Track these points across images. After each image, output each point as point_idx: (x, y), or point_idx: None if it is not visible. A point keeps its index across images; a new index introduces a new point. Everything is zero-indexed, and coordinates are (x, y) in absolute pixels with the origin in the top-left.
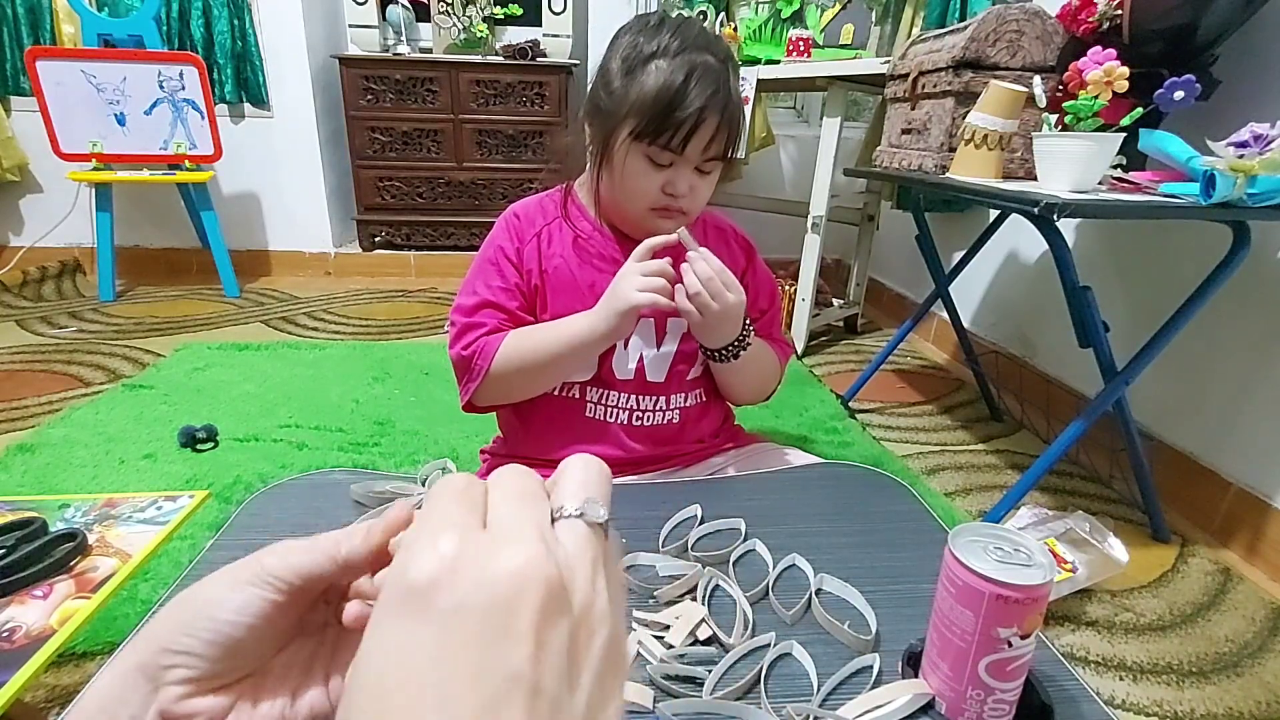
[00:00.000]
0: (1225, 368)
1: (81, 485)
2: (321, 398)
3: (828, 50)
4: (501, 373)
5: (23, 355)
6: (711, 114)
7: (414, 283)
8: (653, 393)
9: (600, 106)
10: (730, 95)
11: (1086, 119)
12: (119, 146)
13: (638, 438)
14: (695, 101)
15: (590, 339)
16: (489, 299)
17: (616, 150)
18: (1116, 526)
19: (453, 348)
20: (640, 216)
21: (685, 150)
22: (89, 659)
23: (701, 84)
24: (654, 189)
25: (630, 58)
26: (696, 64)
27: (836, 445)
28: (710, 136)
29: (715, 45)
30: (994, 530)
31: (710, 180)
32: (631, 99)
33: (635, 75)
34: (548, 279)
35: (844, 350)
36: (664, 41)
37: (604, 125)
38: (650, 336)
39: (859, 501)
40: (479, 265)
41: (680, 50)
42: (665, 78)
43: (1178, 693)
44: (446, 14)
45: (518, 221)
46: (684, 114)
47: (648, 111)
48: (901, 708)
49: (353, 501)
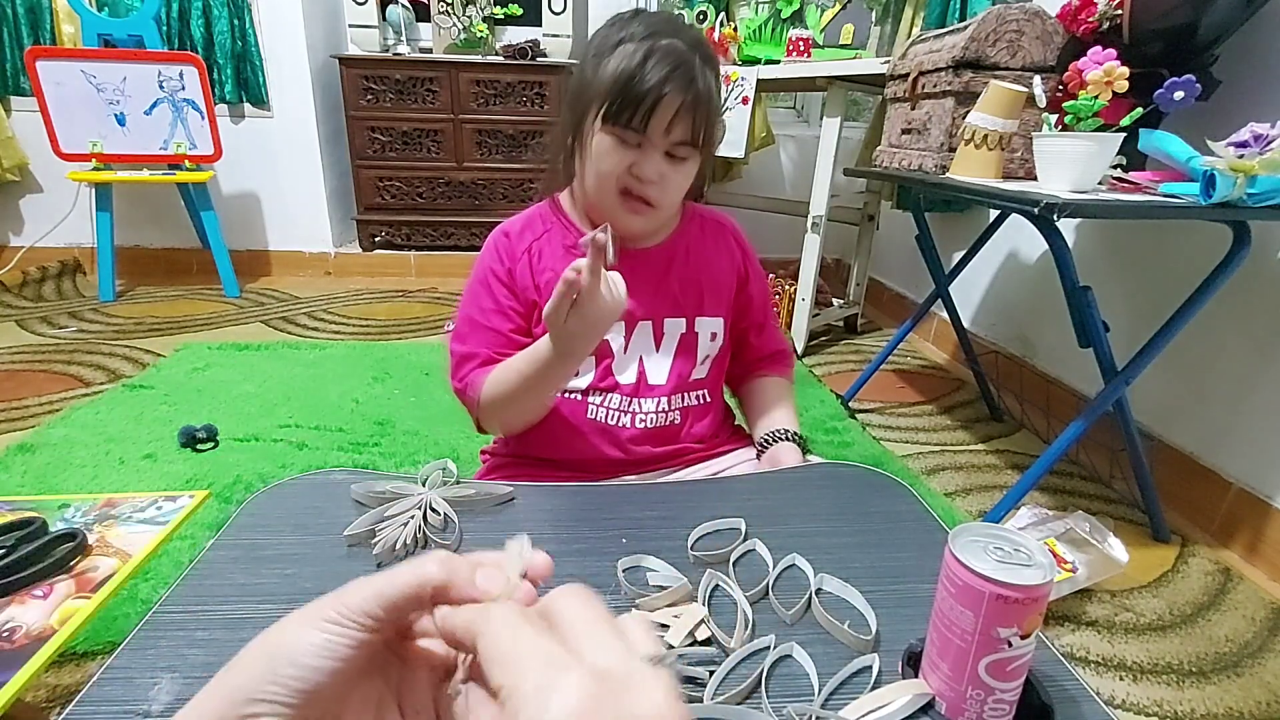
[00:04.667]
0: (1225, 368)
1: (81, 485)
2: (321, 398)
3: (828, 50)
4: (490, 406)
5: (23, 355)
6: (673, 92)
7: (414, 283)
8: (655, 394)
9: (574, 96)
10: (694, 77)
11: (1086, 119)
12: (119, 146)
13: (639, 438)
14: (654, 77)
15: (546, 358)
16: (481, 323)
17: (587, 134)
18: (1116, 526)
19: (452, 379)
20: (611, 208)
21: (648, 129)
22: (89, 659)
23: (661, 63)
24: (620, 169)
25: (600, 47)
26: (659, 46)
27: (836, 445)
28: (672, 116)
29: (685, 32)
30: (994, 530)
31: (684, 172)
32: (598, 83)
33: (602, 60)
34: (543, 294)
35: (844, 350)
36: (632, 28)
37: (575, 111)
38: (649, 340)
39: (859, 501)
40: (470, 289)
41: (646, 35)
42: (627, 59)
43: (1178, 693)
44: (446, 14)
45: (507, 241)
46: (643, 90)
47: (610, 91)
48: (902, 708)
49: (353, 501)
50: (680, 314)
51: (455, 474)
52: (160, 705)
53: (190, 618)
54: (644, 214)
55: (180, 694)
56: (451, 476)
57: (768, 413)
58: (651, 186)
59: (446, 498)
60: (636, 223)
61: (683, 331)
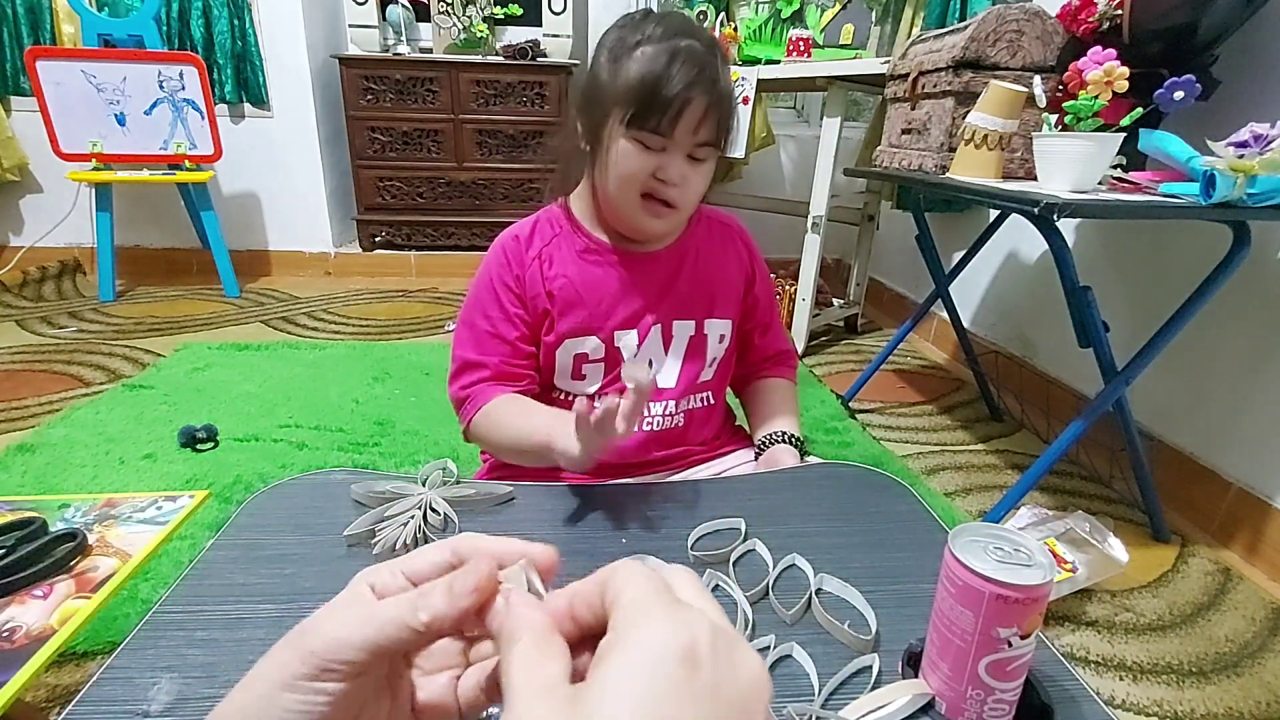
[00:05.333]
0: (1225, 368)
1: (81, 485)
2: (321, 398)
3: (828, 50)
4: (478, 436)
5: (23, 355)
6: (699, 95)
7: (414, 283)
8: (663, 398)
9: (590, 99)
10: (717, 78)
11: (1086, 119)
12: (119, 146)
13: (643, 442)
14: (680, 81)
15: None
16: (488, 331)
17: (608, 139)
18: (1116, 526)
19: (451, 385)
20: (632, 211)
21: (675, 133)
22: (89, 659)
23: (686, 65)
24: (644, 173)
25: (616, 49)
26: (680, 47)
27: (836, 445)
28: (699, 118)
29: (700, 33)
30: (994, 530)
31: (703, 172)
32: (619, 86)
33: (621, 63)
34: (554, 301)
35: (844, 350)
36: (648, 30)
37: (594, 117)
38: (659, 343)
39: (859, 501)
40: (476, 294)
41: (664, 37)
42: (650, 62)
43: (1178, 693)
44: (446, 14)
45: (516, 245)
46: (670, 94)
47: (635, 95)
48: (902, 708)
49: (353, 501)
50: (690, 316)
51: (455, 474)
52: (160, 705)
53: (190, 618)
54: (665, 216)
55: (180, 694)
56: (451, 476)
57: (769, 415)
58: (674, 189)
59: (446, 497)
60: (658, 225)
61: (691, 334)
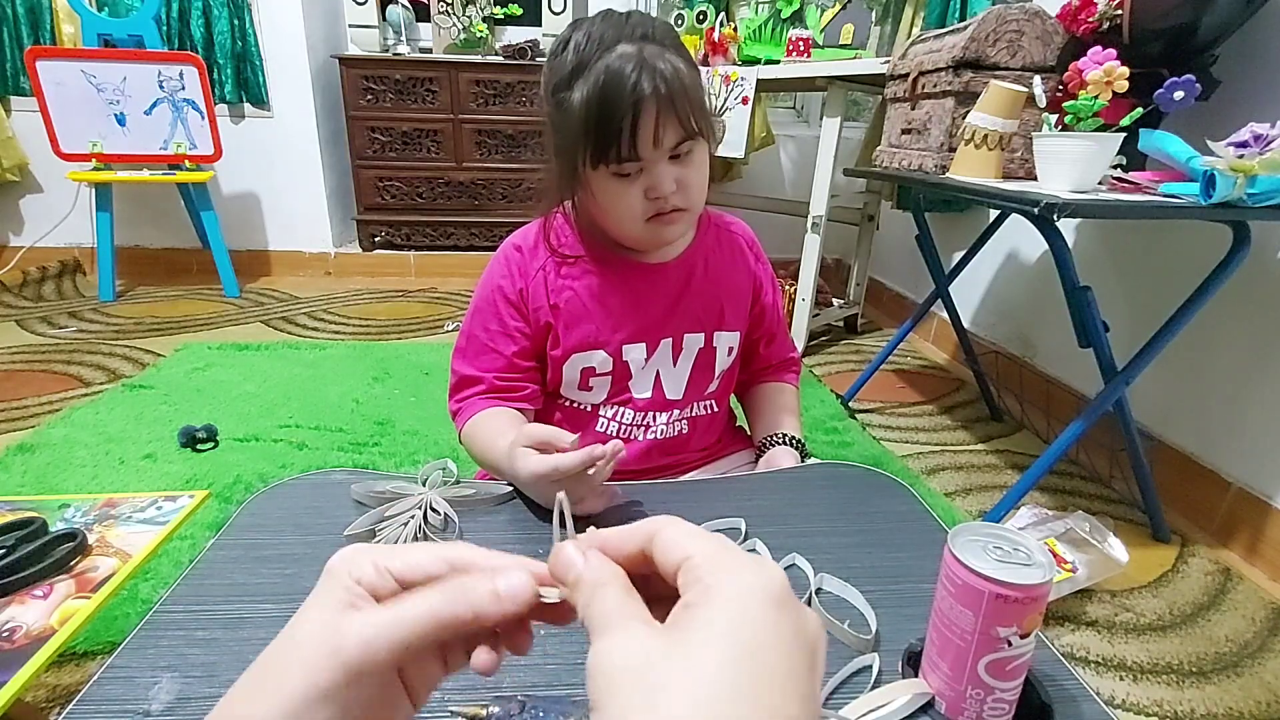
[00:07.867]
0: (1225, 368)
1: (81, 485)
2: (321, 398)
3: (828, 50)
4: (466, 446)
5: (23, 355)
6: (646, 104)
7: (414, 283)
8: (669, 408)
9: (556, 149)
10: (654, 69)
11: (1086, 119)
12: (119, 146)
13: (645, 449)
14: (617, 101)
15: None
16: (486, 344)
17: (586, 181)
18: (1116, 526)
19: (449, 398)
20: (640, 233)
21: (638, 151)
22: (89, 659)
23: (617, 79)
24: (638, 202)
25: (555, 84)
26: (609, 62)
27: (836, 445)
28: (655, 127)
29: (628, 27)
30: (994, 530)
31: (696, 166)
32: (570, 131)
33: (563, 107)
34: (559, 314)
35: (844, 350)
36: (569, 60)
37: (565, 160)
38: (668, 356)
39: (859, 501)
40: (477, 305)
41: (594, 55)
42: (585, 97)
43: (1178, 693)
44: (446, 14)
45: (519, 256)
46: (617, 120)
47: (586, 136)
48: (901, 708)
49: (353, 501)
50: (700, 329)
51: (455, 474)
52: (160, 705)
53: (190, 617)
54: (677, 221)
55: (181, 693)
56: (451, 476)
57: (770, 417)
58: (673, 196)
59: (447, 497)
60: (673, 232)
61: (701, 347)
